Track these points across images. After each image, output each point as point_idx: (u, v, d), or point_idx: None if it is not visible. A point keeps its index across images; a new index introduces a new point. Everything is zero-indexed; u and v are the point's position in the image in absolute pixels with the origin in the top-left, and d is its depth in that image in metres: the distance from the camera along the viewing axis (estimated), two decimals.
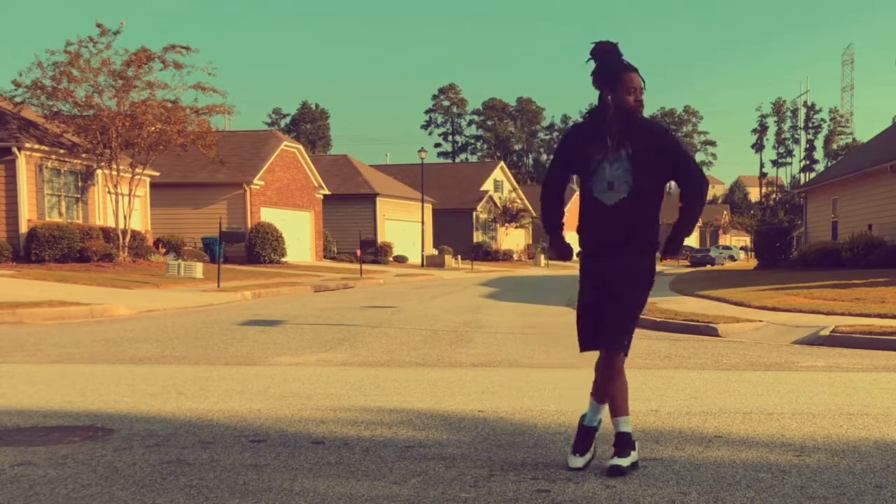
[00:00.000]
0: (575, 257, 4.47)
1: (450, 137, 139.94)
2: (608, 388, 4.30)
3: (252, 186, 37.63)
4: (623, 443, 4.23)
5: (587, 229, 4.32)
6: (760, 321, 12.51)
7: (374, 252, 45.31)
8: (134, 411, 5.77)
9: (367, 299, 19.64)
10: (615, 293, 4.23)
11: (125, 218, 28.15)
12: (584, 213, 4.34)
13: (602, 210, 4.24)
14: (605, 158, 4.22)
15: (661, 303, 15.83)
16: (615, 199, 4.20)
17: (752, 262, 46.42)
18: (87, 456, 4.50)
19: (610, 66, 4.21)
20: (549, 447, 4.76)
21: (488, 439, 4.97)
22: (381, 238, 48.98)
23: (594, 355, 4.35)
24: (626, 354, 4.31)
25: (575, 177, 4.47)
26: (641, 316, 4.95)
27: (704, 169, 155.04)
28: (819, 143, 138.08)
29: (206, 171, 36.42)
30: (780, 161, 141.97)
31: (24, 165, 26.16)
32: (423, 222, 51.69)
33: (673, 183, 4.38)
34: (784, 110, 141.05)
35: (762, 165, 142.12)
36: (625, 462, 4.20)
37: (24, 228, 26.18)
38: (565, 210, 4.47)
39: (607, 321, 4.23)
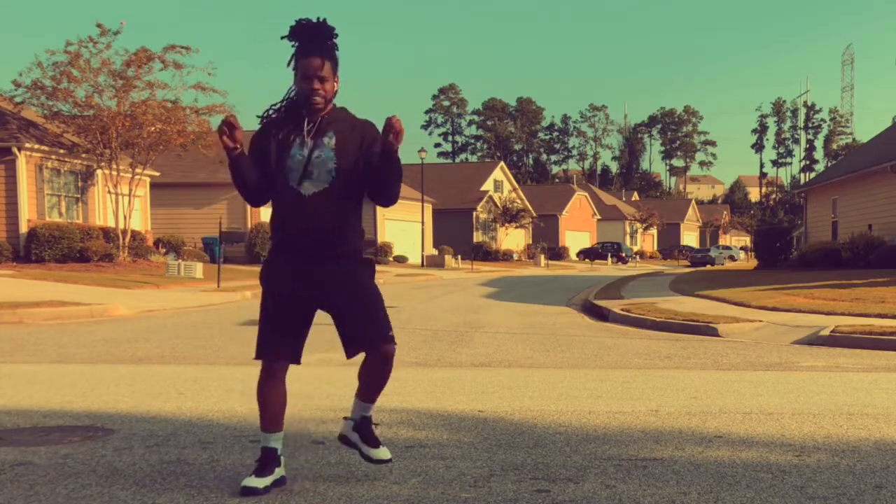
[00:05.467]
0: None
1: (450, 137, 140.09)
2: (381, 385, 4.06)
3: None
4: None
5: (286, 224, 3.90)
6: (760, 321, 12.51)
7: (374, 252, 45.28)
8: (134, 411, 5.76)
9: None
10: None
11: (125, 218, 28.15)
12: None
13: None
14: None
15: (661, 303, 15.80)
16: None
17: (752, 262, 46.42)
18: (87, 456, 4.50)
19: (296, 49, 3.96)
20: (549, 447, 4.75)
21: (488, 439, 4.97)
22: (381, 238, 48.95)
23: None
24: None
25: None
26: (642, 316, 4.92)
27: (704, 169, 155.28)
28: (819, 143, 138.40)
29: (206, 171, 36.36)
30: (780, 161, 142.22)
31: (24, 165, 26.17)
32: (423, 222, 51.66)
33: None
34: (784, 110, 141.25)
35: (762, 165, 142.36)
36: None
37: (24, 228, 26.18)
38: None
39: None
